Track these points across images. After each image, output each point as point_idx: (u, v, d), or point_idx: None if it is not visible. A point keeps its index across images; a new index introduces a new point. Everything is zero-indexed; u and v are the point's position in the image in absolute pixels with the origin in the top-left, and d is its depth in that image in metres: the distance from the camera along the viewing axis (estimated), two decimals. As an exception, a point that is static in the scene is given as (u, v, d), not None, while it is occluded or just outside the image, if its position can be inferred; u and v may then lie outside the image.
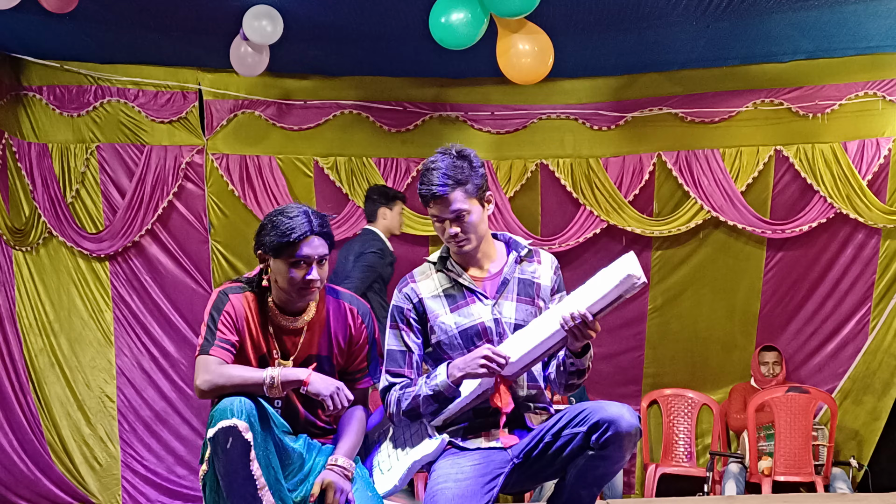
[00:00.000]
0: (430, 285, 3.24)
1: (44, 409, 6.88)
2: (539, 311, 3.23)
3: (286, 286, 3.05)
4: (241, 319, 3.08)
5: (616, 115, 7.04)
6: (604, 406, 2.99)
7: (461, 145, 3.23)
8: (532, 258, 3.31)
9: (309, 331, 3.14)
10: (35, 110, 6.91)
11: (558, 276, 3.35)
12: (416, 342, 3.22)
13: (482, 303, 3.19)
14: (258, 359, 3.11)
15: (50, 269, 6.96)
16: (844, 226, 6.86)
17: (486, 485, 3.02)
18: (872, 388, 6.88)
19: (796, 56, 6.78)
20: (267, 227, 3.05)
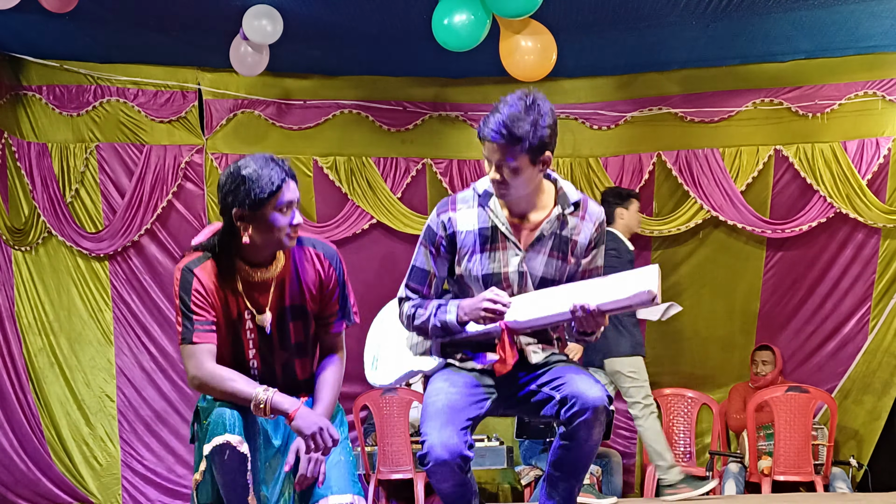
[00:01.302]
0: (467, 219, 3.19)
1: (43, 408, 6.88)
2: (568, 265, 3.18)
3: (272, 236, 2.96)
4: (210, 292, 3.00)
5: (616, 115, 7.04)
6: (576, 381, 3.04)
7: (542, 96, 3.06)
8: (577, 212, 3.20)
9: (279, 282, 3.06)
10: (35, 110, 6.90)
11: (599, 233, 3.22)
12: (441, 267, 3.24)
13: (513, 252, 3.15)
14: (229, 325, 3.03)
15: (49, 268, 6.95)
16: (844, 225, 6.86)
17: (475, 402, 3.11)
18: (872, 387, 6.89)
19: (796, 56, 6.79)
20: (240, 185, 2.93)
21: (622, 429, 7.17)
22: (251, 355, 3.06)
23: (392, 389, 6.41)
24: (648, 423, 5.78)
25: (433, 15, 5.35)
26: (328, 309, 3.16)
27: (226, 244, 3.03)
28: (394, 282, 7.25)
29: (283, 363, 3.11)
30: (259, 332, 3.05)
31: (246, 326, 3.04)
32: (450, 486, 3.05)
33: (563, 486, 3.17)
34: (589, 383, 3.02)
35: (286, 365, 3.11)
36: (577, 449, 3.07)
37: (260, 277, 3.05)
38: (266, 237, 2.96)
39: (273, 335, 3.06)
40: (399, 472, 6.24)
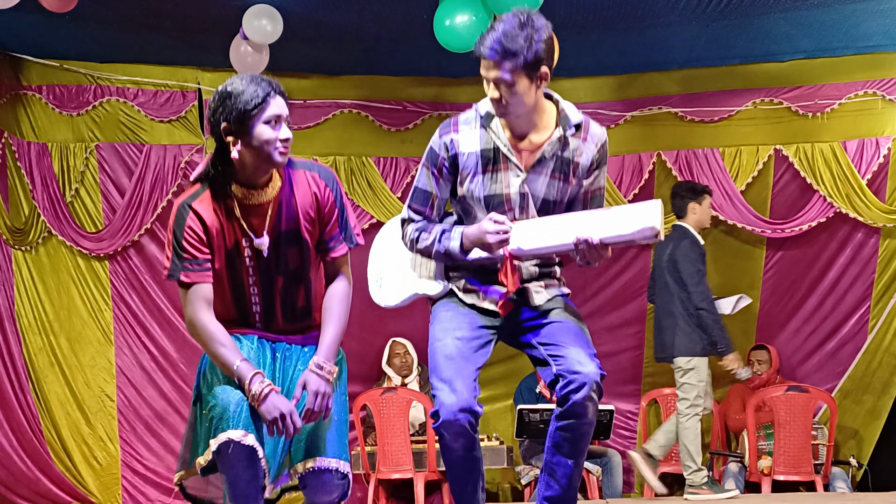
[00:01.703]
0: (469, 140, 3.19)
1: (43, 408, 6.88)
2: (570, 186, 3.17)
3: (262, 151, 2.92)
4: (207, 225, 2.97)
5: (616, 114, 7.04)
6: (572, 354, 3.05)
7: (536, 13, 3.05)
8: (579, 133, 3.17)
9: (275, 205, 3.02)
10: (35, 110, 6.90)
11: (602, 154, 3.20)
12: (443, 189, 3.24)
13: (514, 173, 3.14)
14: (228, 252, 3.00)
15: (49, 268, 6.95)
16: (844, 225, 6.87)
17: (481, 348, 3.15)
18: (872, 387, 6.89)
19: (796, 55, 6.79)
20: (227, 100, 2.92)
21: (622, 429, 7.17)
22: (251, 282, 3.02)
23: (392, 389, 6.42)
24: (689, 424, 5.76)
25: (435, 16, 5.36)
26: (328, 232, 3.10)
27: (220, 168, 2.99)
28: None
29: (282, 289, 3.06)
30: (257, 257, 3.01)
31: (245, 253, 3.00)
32: (460, 448, 3.07)
33: (562, 472, 3.15)
34: (583, 357, 3.03)
35: (285, 291, 3.06)
36: (574, 428, 3.07)
37: (256, 200, 3.01)
38: (256, 153, 2.93)
39: (271, 259, 3.01)
40: (399, 471, 6.24)
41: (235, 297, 3.04)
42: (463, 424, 3.01)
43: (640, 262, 7.18)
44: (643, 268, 7.17)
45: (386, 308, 3.49)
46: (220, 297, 3.03)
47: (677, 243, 5.89)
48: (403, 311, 6.91)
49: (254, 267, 3.01)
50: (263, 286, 3.04)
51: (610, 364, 7.14)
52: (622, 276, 7.22)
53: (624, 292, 7.23)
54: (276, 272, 3.03)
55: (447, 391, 3.02)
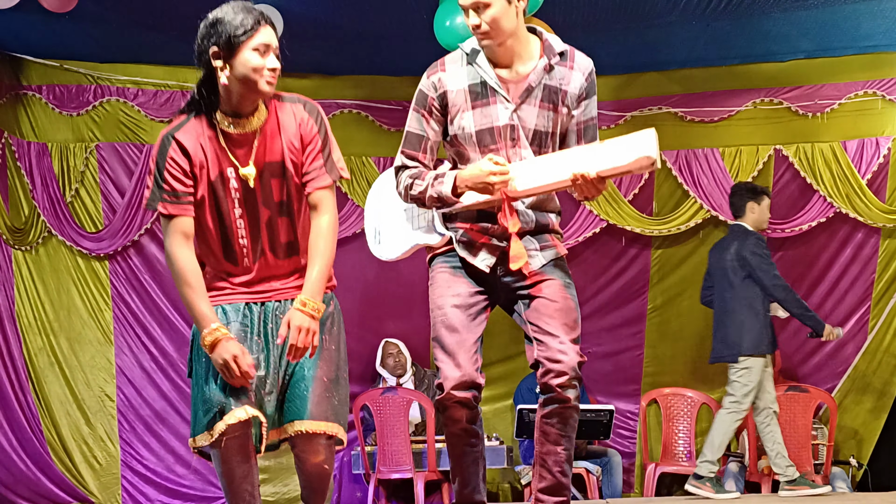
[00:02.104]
0: (457, 77, 3.18)
1: (43, 408, 6.88)
2: (560, 116, 3.16)
3: (249, 78, 2.92)
4: (191, 154, 2.96)
5: (616, 115, 7.04)
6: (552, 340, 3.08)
7: None
8: (565, 62, 3.16)
9: (262, 137, 3.01)
10: (35, 109, 6.90)
11: (590, 83, 3.19)
12: (434, 130, 3.22)
13: (503, 105, 3.14)
14: (214, 182, 2.98)
15: (49, 268, 6.95)
16: (844, 225, 6.87)
17: (477, 317, 3.19)
18: (872, 387, 6.89)
19: (796, 55, 6.79)
20: (217, 25, 2.95)
21: (622, 428, 7.17)
22: (237, 214, 3.01)
23: (391, 389, 6.42)
24: (727, 418, 5.76)
25: (435, 16, 5.36)
26: (310, 162, 3.08)
27: (206, 97, 3.00)
28: (394, 281, 7.30)
29: (268, 221, 3.04)
30: (243, 188, 2.99)
31: (230, 184, 2.99)
32: (463, 418, 3.14)
33: (553, 461, 3.17)
34: (564, 343, 3.07)
35: (270, 223, 3.04)
36: (557, 414, 3.11)
37: (241, 130, 3.00)
38: (243, 81, 2.93)
39: (256, 190, 3.00)
40: (399, 471, 6.24)
41: (221, 230, 3.02)
42: (467, 397, 3.11)
43: (640, 262, 7.19)
44: (643, 268, 7.18)
45: (387, 261, 3.49)
46: (206, 233, 3.02)
47: (742, 241, 5.87)
48: (403, 310, 6.99)
49: (240, 199, 3.00)
50: (249, 218, 3.02)
51: (610, 364, 7.19)
52: (622, 276, 7.22)
53: (624, 292, 7.23)
54: (261, 204, 3.01)
55: (451, 365, 3.11)
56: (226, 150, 2.99)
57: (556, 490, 3.18)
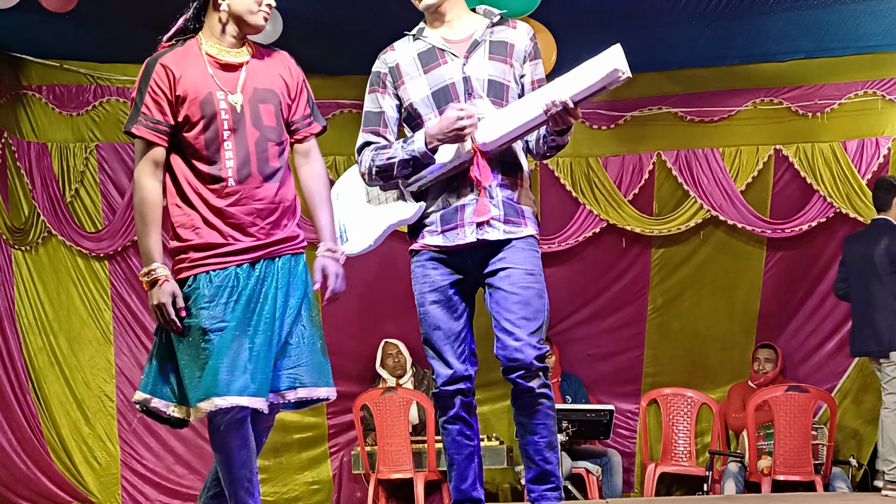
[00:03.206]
0: (406, 51, 3.32)
1: (43, 408, 6.88)
2: (512, 69, 3.26)
3: (250, 10, 3.01)
4: (177, 76, 2.99)
5: (616, 115, 7.04)
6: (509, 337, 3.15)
7: None
8: (506, 24, 3.32)
9: (250, 67, 3.08)
10: (34, 109, 6.90)
11: (534, 45, 3.33)
12: (391, 105, 3.35)
13: (452, 62, 3.25)
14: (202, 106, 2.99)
15: (49, 268, 6.95)
16: (844, 225, 6.86)
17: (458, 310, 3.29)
18: (872, 387, 6.88)
19: (796, 55, 6.79)
20: None
21: (622, 428, 7.17)
22: (225, 136, 3.02)
23: (391, 389, 6.41)
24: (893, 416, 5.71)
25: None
26: (301, 110, 3.20)
27: (195, 27, 3.08)
28: (393, 281, 7.30)
29: (257, 142, 3.05)
30: (232, 111, 3.02)
31: (218, 105, 3.01)
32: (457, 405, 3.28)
33: (533, 450, 3.24)
34: (521, 338, 3.13)
35: (259, 144, 3.05)
36: (526, 404, 3.21)
37: (230, 60, 3.06)
38: (243, 13, 3.01)
39: (245, 114, 3.03)
40: (399, 471, 6.24)
41: (209, 150, 3.01)
42: (459, 388, 3.27)
43: (640, 262, 7.18)
44: (644, 269, 7.17)
45: (360, 254, 3.46)
46: (193, 155, 3.01)
47: (892, 236, 5.84)
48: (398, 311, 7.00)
49: (228, 121, 3.01)
50: (238, 137, 3.03)
51: (610, 364, 7.19)
52: (623, 277, 7.22)
53: (624, 294, 7.23)
54: (251, 125, 3.04)
55: (441, 364, 3.28)
56: (214, 77, 3.02)
57: (542, 478, 3.25)
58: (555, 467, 3.26)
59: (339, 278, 3.10)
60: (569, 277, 7.20)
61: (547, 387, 3.19)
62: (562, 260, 7.15)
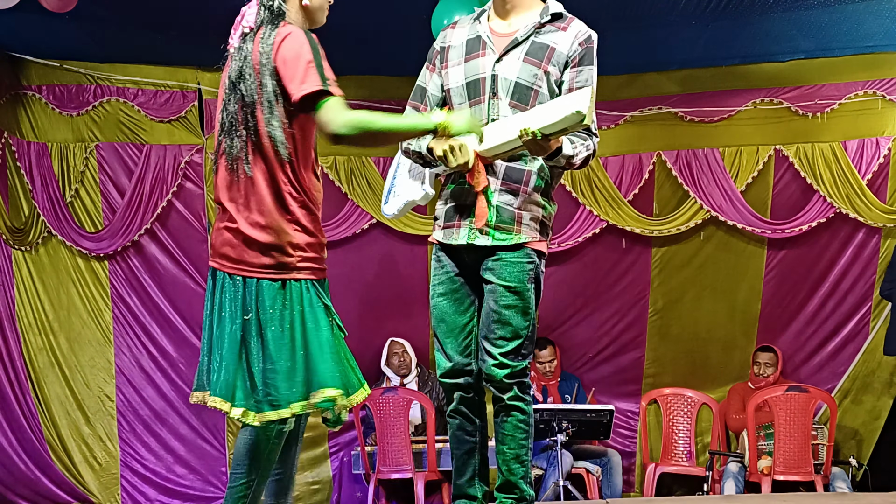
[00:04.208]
0: (461, 33, 3.33)
1: (43, 408, 6.88)
2: (547, 74, 3.19)
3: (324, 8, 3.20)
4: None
5: (616, 115, 7.04)
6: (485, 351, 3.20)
7: None
8: (560, 23, 3.24)
9: None
10: (35, 109, 6.89)
11: (585, 49, 3.23)
12: (435, 83, 3.38)
13: (489, 57, 3.24)
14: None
15: (49, 268, 6.95)
16: (845, 225, 6.86)
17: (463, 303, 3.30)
18: (872, 387, 6.89)
19: (795, 55, 6.78)
20: None
21: (622, 428, 7.17)
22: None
23: (392, 389, 6.42)
24: None
25: (432, 16, 5.35)
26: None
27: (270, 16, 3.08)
28: (393, 281, 7.29)
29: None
30: None
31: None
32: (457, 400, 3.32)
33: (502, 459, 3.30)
34: (493, 356, 3.17)
35: None
36: (498, 413, 3.28)
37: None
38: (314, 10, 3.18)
39: None
40: (399, 471, 6.24)
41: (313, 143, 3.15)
42: (458, 382, 3.30)
43: (640, 263, 7.18)
44: (644, 269, 7.17)
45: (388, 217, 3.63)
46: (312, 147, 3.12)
47: None
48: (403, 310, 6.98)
49: None
50: None
51: (611, 365, 7.19)
52: (623, 277, 7.22)
53: (625, 295, 7.23)
54: None
55: (442, 356, 3.32)
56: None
57: (507, 488, 3.33)
58: (520, 480, 3.30)
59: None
60: (569, 278, 7.20)
61: (520, 399, 3.21)
62: (562, 260, 7.15)
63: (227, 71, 3.08)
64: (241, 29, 3.07)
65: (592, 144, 3.22)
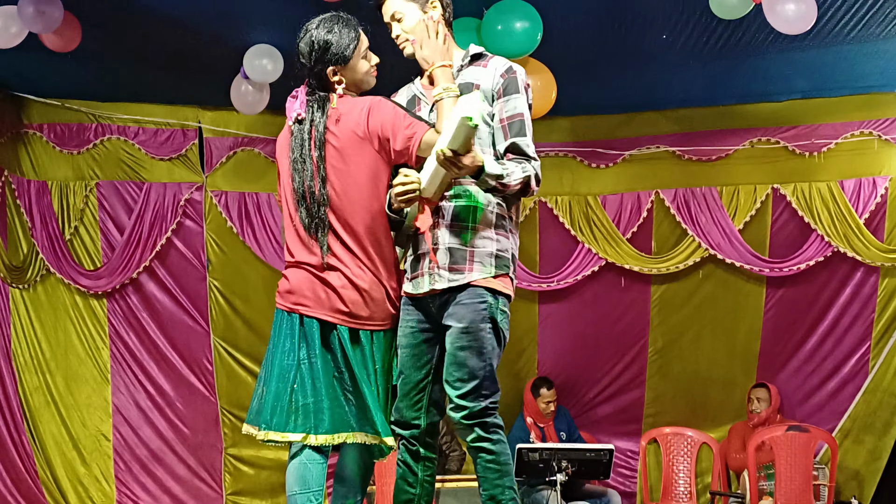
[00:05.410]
0: (404, 93, 3.47)
1: (38, 448, 6.82)
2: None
3: (366, 78, 3.37)
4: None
5: (614, 153, 7.07)
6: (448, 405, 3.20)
7: None
8: (478, 62, 3.31)
9: None
10: (35, 148, 6.92)
11: (506, 80, 3.24)
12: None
13: (424, 109, 3.33)
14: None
15: (47, 306, 6.93)
16: (843, 264, 6.87)
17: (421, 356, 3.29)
18: (873, 427, 6.85)
19: (792, 95, 6.83)
20: (328, 49, 3.28)
21: (622, 467, 7.13)
22: None
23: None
24: None
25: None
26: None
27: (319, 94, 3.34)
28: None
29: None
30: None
31: None
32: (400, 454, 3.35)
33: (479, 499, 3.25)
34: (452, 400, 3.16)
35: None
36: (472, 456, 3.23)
37: None
38: (357, 83, 3.37)
39: None
40: None
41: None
42: (403, 434, 3.32)
43: (639, 303, 7.17)
44: (643, 309, 7.16)
45: None
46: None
47: None
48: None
49: None
50: None
51: (611, 405, 7.16)
52: (623, 318, 7.22)
53: (625, 333, 7.22)
54: None
55: (395, 410, 3.33)
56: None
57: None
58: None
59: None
60: (569, 316, 7.19)
61: (485, 440, 3.17)
62: (561, 298, 7.15)
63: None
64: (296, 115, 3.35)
65: (531, 167, 3.18)
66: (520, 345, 7.16)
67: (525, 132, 3.21)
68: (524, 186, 3.17)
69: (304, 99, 3.32)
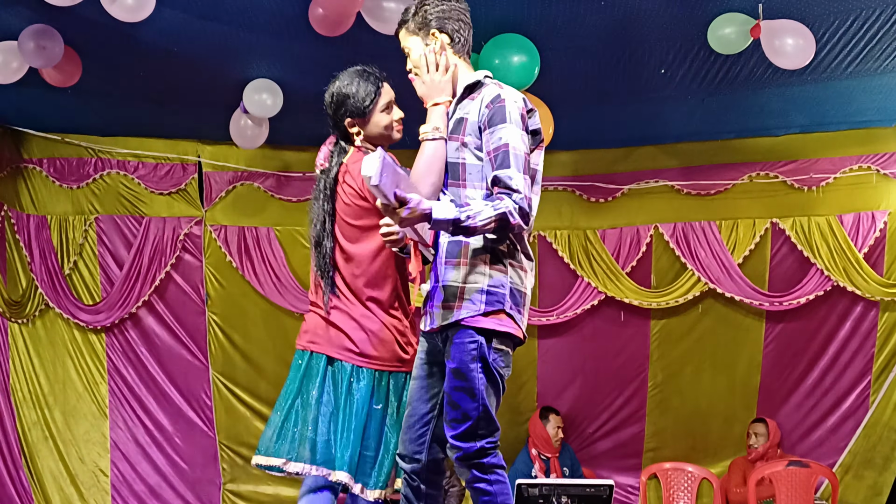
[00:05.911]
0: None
1: (36, 483, 6.78)
2: (465, 146, 3.13)
3: (387, 133, 3.44)
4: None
5: (613, 187, 7.09)
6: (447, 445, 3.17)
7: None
8: (471, 93, 3.21)
9: None
10: (35, 182, 6.94)
11: (493, 109, 3.08)
12: None
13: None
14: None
15: (45, 341, 6.92)
16: (843, 298, 6.86)
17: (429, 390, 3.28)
18: (873, 462, 6.81)
19: (790, 130, 6.86)
20: (346, 102, 3.41)
21: (622, 503, 7.08)
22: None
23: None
24: None
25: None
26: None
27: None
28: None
29: None
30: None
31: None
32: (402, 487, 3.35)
33: None
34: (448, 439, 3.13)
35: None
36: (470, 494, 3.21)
37: None
38: (378, 137, 3.44)
39: None
40: None
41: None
42: (405, 467, 3.30)
43: (638, 337, 7.16)
44: (642, 343, 7.15)
45: None
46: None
47: None
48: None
49: None
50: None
51: (611, 440, 7.12)
52: (622, 352, 7.20)
53: (624, 367, 7.20)
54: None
55: (400, 438, 3.34)
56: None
57: None
58: None
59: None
60: (568, 350, 7.18)
61: (481, 481, 3.12)
62: (560, 332, 7.13)
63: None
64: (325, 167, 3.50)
65: (510, 202, 2.97)
66: (519, 379, 7.14)
67: (509, 163, 3.00)
68: (500, 223, 2.96)
69: (329, 149, 3.47)
